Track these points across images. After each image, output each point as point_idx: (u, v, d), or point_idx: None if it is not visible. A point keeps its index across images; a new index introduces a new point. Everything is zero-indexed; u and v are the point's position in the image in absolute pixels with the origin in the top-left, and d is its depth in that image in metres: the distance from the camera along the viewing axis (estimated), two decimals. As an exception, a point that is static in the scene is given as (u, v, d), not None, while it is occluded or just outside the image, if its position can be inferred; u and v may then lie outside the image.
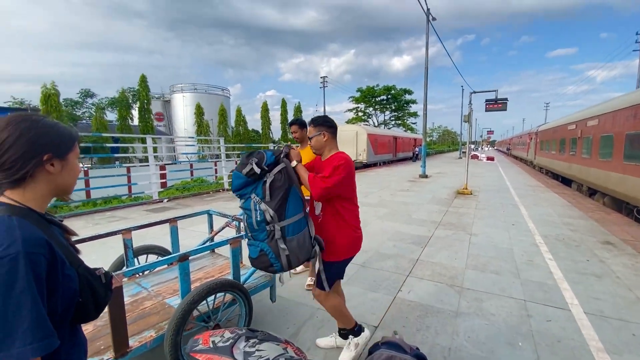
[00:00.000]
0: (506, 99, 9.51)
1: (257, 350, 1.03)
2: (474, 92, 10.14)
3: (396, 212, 7.34)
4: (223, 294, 2.10)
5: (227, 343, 1.03)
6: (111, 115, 27.49)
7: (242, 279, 2.41)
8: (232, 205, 8.20)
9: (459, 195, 9.63)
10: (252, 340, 1.06)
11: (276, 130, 37.12)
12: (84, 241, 2.17)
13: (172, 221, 2.76)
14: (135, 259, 2.61)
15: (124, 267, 2.49)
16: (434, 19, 14.71)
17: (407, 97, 48.12)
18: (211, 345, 1.03)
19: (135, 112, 25.27)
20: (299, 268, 3.86)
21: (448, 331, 2.73)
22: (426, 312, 3.04)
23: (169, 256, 1.94)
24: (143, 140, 19.85)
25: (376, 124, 49.02)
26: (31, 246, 0.74)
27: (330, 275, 2.12)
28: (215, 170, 13.42)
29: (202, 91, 36.48)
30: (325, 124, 2.08)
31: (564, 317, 2.94)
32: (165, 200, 9.10)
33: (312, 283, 3.47)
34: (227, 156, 12.42)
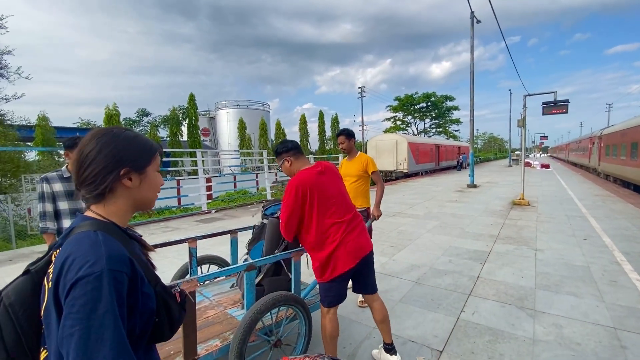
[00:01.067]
0: (567, 101, 8.69)
1: None
2: (529, 95, 9.42)
3: (447, 224, 6.93)
4: (285, 308, 2.05)
5: None
6: (163, 132, 29.64)
7: (301, 294, 2.33)
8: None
9: (515, 207, 8.90)
10: None
11: (314, 142, 37.53)
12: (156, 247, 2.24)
13: (233, 233, 2.79)
14: (199, 268, 2.65)
15: (188, 275, 2.54)
16: (478, 21, 14.10)
17: (449, 103, 46.45)
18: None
19: (184, 129, 27.04)
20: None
21: (526, 361, 2.41)
22: (496, 337, 2.74)
23: (238, 264, 1.95)
24: (191, 155, 21.08)
25: (415, 133, 47.75)
26: (115, 263, 0.71)
27: (323, 294, 2.03)
28: (257, 182, 13.79)
29: (244, 107, 38.23)
30: (283, 150, 2.11)
31: (669, 351, 2.48)
32: (214, 211, 9.45)
33: (364, 300, 3.32)
34: (269, 168, 12.70)
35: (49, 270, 0.77)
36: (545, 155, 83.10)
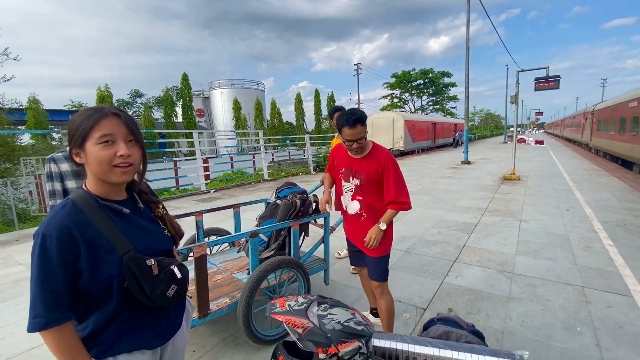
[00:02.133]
0: (559, 76, 8.77)
1: (329, 314, 1.14)
2: (522, 71, 9.46)
3: (439, 199, 7.19)
4: (288, 270, 2.29)
5: (302, 307, 1.15)
6: (157, 113, 29.31)
7: (301, 260, 2.58)
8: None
9: (505, 181, 9.17)
10: (323, 305, 1.18)
11: (310, 121, 37.30)
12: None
13: (236, 207, 3.01)
14: (205, 239, 2.88)
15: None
16: (475, -5, 13.84)
17: (446, 80, 45.93)
18: (287, 308, 1.16)
19: (179, 110, 26.73)
20: (343, 252, 3.98)
21: (500, 315, 2.71)
22: (476, 296, 3.03)
23: (243, 232, 2.18)
24: (187, 136, 21.02)
25: (413, 110, 47.48)
26: (50, 229, 0.86)
27: (385, 266, 2.16)
28: (254, 162, 13.91)
29: (238, 86, 37.57)
30: (364, 120, 1.95)
31: (626, 304, 2.79)
32: (212, 191, 9.64)
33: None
34: (266, 148, 12.81)
35: None
36: (541, 131, 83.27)
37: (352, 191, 2.10)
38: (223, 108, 34.97)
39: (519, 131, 40.00)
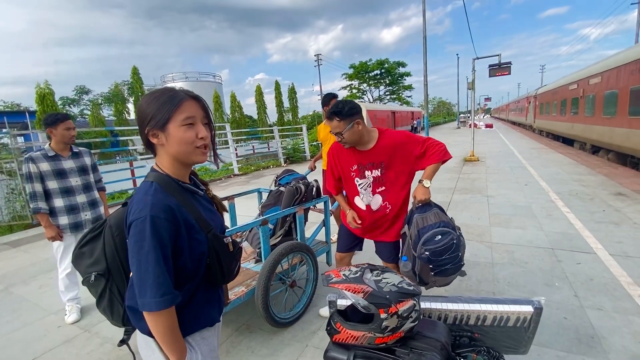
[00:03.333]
0: (510, 63, 9.53)
1: (383, 278, 1.22)
2: (478, 58, 10.13)
3: (411, 182, 7.55)
4: (298, 254, 2.34)
5: (357, 275, 1.23)
6: (107, 111, 27.15)
7: (307, 242, 2.64)
8: (250, 188, 8.38)
9: (467, 163, 9.83)
10: (375, 272, 1.26)
11: (272, 114, 36.75)
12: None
13: (230, 199, 2.95)
14: None
15: None
16: (429, -14, 14.39)
17: (401, 70, 47.54)
18: (344, 277, 1.22)
19: (130, 106, 24.99)
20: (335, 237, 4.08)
21: (489, 279, 2.98)
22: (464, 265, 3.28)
23: (253, 220, 2.17)
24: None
25: (371, 100, 48.63)
26: (156, 211, 0.86)
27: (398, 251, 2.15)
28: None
29: (193, 79, 35.91)
30: (357, 111, 1.87)
31: (591, 260, 3.20)
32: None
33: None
34: (235, 142, 12.48)
35: None
36: (489, 116, 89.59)
37: (370, 186, 1.98)
38: (179, 103, 33.26)
39: (469, 117, 42.83)
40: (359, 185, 2.02)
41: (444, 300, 1.49)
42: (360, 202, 2.06)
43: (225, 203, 3.13)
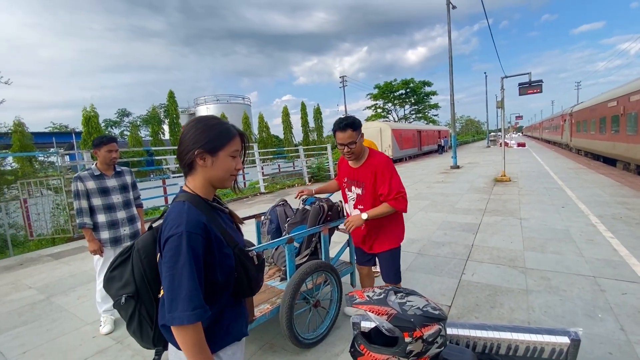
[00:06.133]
0: (541, 81, 9.26)
1: (407, 301, 1.22)
2: (506, 77, 9.94)
3: (437, 202, 7.37)
4: (322, 274, 2.35)
5: (381, 296, 1.23)
6: (144, 132, 28.88)
7: (331, 262, 2.65)
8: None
9: (497, 183, 9.48)
10: (399, 294, 1.25)
11: (297, 134, 37.53)
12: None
13: (258, 217, 3.04)
14: None
15: None
16: (454, 7, 14.52)
17: (427, 89, 47.34)
18: (367, 299, 1.23)
19: (166, 127, 26.49)
20: None
21: (523, 307, 2.82)
22: (495, 291, 3.13)
23: (280, 238, 2.23)
24: (174, 152, 20.81)
25: (396, 119, 48.52)
26: (192, 227, 0.92)
27: (399, 264, 2.33)
28: (244, 176, 13.81)
29: (224, 102, 37.69)
30: (360, 125, 2.11)
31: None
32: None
33: (375, 270, 3.65)
34: (262, 161, 12.82)
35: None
36: (520, 134, 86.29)
37: (354, 200, 2.21)
38: (210, 124, 34.80)
39: (500, 135, 41.36)
40: (348, 196, 2.28)
41: (473, 327, 1.44)
42: (346, 209, 2.35)
43: (252, 221, 3.22)
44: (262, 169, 15.58)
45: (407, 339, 1.12)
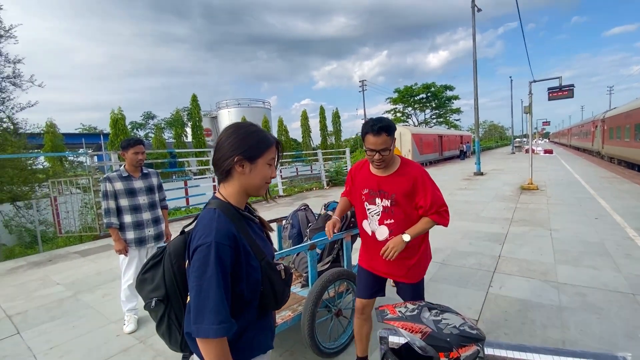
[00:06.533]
0: (572, 86, 8.86)
1: (443, 319, 1.14)
2: (535, 81, 9.58)
3: (461, 211, 7.15)
4: (345, 282, 2.29)
5: (414, 312, 1.16)
6: (168, 134, 29.76)
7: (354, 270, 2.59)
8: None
9: (524, 191, 9.11)
10: (434, 311, 1.18)
11: (316, 137, 37.66)
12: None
13: (279, 220, 3.02)
14: None
15: None
16: (479, 10, 14.19)
17: (449, 93, 46.47)
18: (399, 314, 1.16)
19: (188, 130, 27.18)
20: None
21: (556, 325, 2.65)
22: (525, 306, 2.97)
23: (302, 244, 2.19)
24: (197, 154, 21.31)
25: (416, 124, 47.81)
26: (221, 237, 0.89)
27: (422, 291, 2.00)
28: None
29: (245, 105, 38.30)
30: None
31: (688, 311, 2.72)
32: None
33: None
34: (281, 164, 12.90)
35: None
36: (547, 141, 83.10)
37: (379, 215, 1.83)
38: (230, 127, 35.40)
39: (525, 142, 39.96)
40: (368, 210, 1.88)
41: (512, 348, 1.34)
42: (367, 226, 1.91)
43: (273, 225, 3.21)
44: (281, 172, 15.73)
45: (443, 360, 1.05)
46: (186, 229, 1.08)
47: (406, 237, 1.72)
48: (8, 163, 9.94)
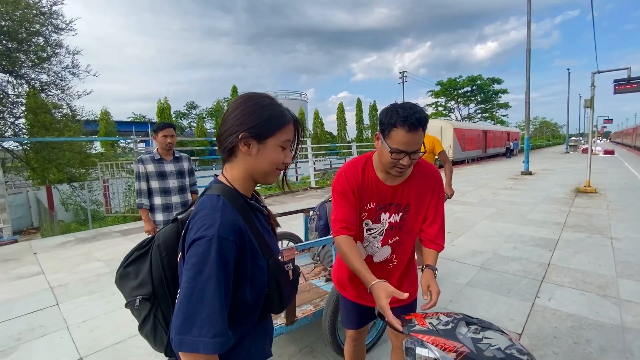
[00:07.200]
0: (645, 77, 7.78)
1: (484, 337, 0.95)
2: (598, 72, 8.55)
3: (505, 212, 6.60)
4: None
5: (448, 326, 0.98)
6: (209, 124, 31.00)
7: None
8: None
9: (580, 194, 8.24)
10: (473, 327, 0.99)
11: (351, 131, 37.18)
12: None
13: (306, 211, 2.93)
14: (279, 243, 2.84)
15: None
16: (537, -6, 12.94)
17: (496, 86, 43.54)
18: (430, 327, 0.98)
19: (227, 120, 28.10)
20: None
21: (617, 348, 2.29)
22: (580, 323, 2.61)
23: (328, 237, 2.08)
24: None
25: (459, 119, 45.47)
26: (225, 231, 0.73)
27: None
28: (296, 170, 13.99)
29: (282, 97, 38.72)
30: None
31: None
32: (263, 197, 9.82)
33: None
34: (314, 157, 12.86)
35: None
36: (607, 140, 75.32)
37: (382, 234, 1.41)
38: (268, 118, 36.02)
39: (582, 141, 36.44)
40: (367, 230, 1.42)
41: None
42: (361, 249, 1.45)
43: (300, 215, 3.11)
44: (315, 164, 15.71)
45: (483, 388, 0.86)
46: (179, 217, 0.92)
47: (437, 273, 1.34)
48: (66, 146, 10.86)
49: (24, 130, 11.34)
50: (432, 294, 1.23)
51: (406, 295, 1.07)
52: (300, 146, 0.96)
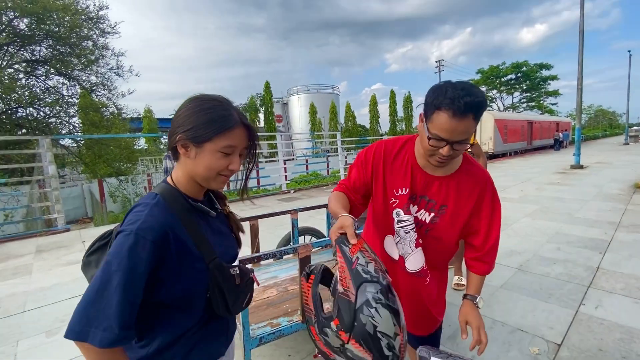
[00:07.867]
0: None
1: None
2: (667, 52, 7.53)
3: (549, 209, 6.10)
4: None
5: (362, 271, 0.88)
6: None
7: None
8: (354, 197, 8.31)
9: (639, 191, 7.40)
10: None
11: (384, 123, 36.34)
12: (263, 217, 2.66)
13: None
14: (300, 238, 2.86)
15: (290, 243, 2.84)
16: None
17: (544, 72, 40.29)
18: (352, 260, 0.92)
19: (261, 115, 28.67)
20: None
21: (678, 368, 2.01)
22: (631, 336, 2.33)
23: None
24: (268, 138, 22.36)
25: (501, 109, 42.74)
26: (144, 229, 0.73)
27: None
28: (327, 164, 13.96)
29: (314, 91, 38.76)
30: None
31: None
32: (292, 191, 9.91)
33: (460, 282, 3.10)
34: (343, 150, 12.74)
35: None
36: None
37: (414, 230, 1.20)
38: (300, 113, 36.37)
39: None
40: (398, 222, 1.20)
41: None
42: (391, 245, 1.25)
43: (323, 210, 3.07)
44: (346, 157, 15.57)
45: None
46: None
47: (480, 302, 1.19)
48: (112, 142, 11.71)
49: (77, 128, 12.37)
50: (473, 330, 1.08)
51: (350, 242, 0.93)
52: (258, 151, 0.92)
